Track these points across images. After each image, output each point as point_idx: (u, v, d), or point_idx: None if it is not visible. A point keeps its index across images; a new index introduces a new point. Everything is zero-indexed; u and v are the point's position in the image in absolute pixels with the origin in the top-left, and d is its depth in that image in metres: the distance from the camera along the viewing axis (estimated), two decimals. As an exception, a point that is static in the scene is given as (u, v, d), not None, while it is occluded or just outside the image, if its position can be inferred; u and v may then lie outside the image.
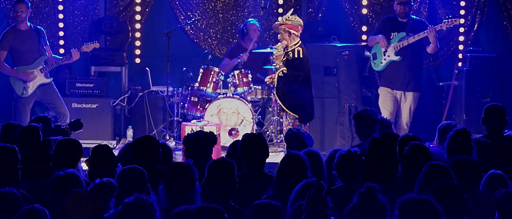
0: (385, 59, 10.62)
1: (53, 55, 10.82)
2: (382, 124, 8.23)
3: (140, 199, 5.02)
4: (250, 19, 11.97)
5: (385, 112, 10.55)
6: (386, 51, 10.59)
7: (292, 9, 10.22)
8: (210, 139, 7.26)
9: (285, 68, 9.71)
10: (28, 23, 10.71)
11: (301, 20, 9.94)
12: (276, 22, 9.97)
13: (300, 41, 9.87)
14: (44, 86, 10.70)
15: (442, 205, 4.86)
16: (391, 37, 10.59)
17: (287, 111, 9.79)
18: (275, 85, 9.88)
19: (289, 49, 9.74)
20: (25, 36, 10.61)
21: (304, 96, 9.82)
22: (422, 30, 10.46)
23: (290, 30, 9.72)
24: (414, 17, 10.74)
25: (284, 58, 9.74)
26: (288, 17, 9.80)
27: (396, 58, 10.53)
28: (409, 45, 10.42)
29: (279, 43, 9.95)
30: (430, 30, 10.27)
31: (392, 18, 10.71)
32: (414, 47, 10.47)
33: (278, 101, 9.87)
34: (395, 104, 10.61)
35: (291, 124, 9.70)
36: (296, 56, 9.66)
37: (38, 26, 10.88)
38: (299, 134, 7.95)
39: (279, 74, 9.77)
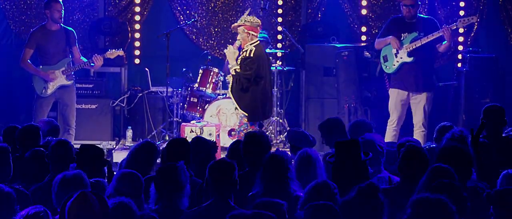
0: (397, 61, 10.35)
1: (81, 57, 10.70)
2: (363, 125, 8.19)
3: (122, 202, 5.04)
4: (261, 35, 11.91)
5: (394, 114, 10.37)
6: (397, 52, 10.39)
7: (249, 9, 10.24)
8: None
9: (238, 67, 9.70)
10: (61, 24, 10.63)
11: (259, 21, 9.95)
12: (235, 23, 9.93)
13: (258, 42, 9.84)
14: (64, 88, 10.61)
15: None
16: (402, 38, 10.35)
17: (239, 109, 9.76)
18: (230, 84, 9.85)
19: (245, 49, 9.74)
20: (54, 36, 10.51)
21: (254, 95, 9.75)
22: (433, 29, 10.25)
23: (249, 31, 9.73)
24: (422, 15, 10.55)
25: (239, 58, 9.74)
26: (247, 19, 9.81)
27: (409, 59, 10.28)
28: (420, 45, 10.26)
29: (234, 43, 9.90)
30: (446, 29, 10.12)
31: (399, 18, 10.46)
32: (425, 47, 10.21)
33: (232, 99, 9.84)
34: (404, 107, 10.41)
35: (239, 121, 9.70)
36: (247, 55, 9.67)
37: (69, 28, 10.77)
38: (301, 133, 7.95)
39: (232, 73, 9.76)
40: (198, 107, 11.43)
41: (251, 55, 9.64)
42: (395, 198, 5.58)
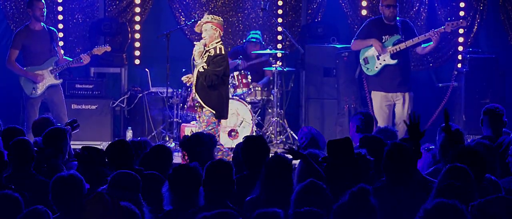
0: (380, 64, 10.46)
1: (64, 57, 10.75)
2: (387, 133, 8.17)
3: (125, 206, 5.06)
4: (251, 34, 11.92)
5: (381, 117, 10.43)
6: (379, 55, 10.45)
7: (207, 11, 10.19)
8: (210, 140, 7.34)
9: (205, 64, 9.62)
10: (42, 24, 10.64)
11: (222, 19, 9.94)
12: (202, 21, 9.80)
13: (221, 40, 9.80)
14: (53, 87, 10.65)
15: None
16: (384, 41, 10.45)
17: (205, 106, 9.66)
18: (194, 82, 9.76)
19: (210, 47, 9.65)
20: (38, 36, 10.55)
21: (221, 93, 9.71)
22: (411, 31, 10.43)
23: (217, 28, 9.69)
24: (397, 18, 10.64)
25: (205, 55, 9.66)
26: (213, 17, 9.77)
27: (393, 62, 10.38)
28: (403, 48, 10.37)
29: (200, 41, 9.79)
30: (435, 33, 10.20)
31: (379, 20, 10.56)
32: (404, 49, 10.40)
33: (197, 97, 9.73)
34: (390, 109, 10.52)
35: (206, 121, 9.62)
36: (218, 52, 9.59)
37: (51, 27, 10.80)
38: (314, 136, 7.96)
39: (200, 70, 9.64)
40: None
41: (222, 52, 9.61)
42: (381, 197, 5.59)
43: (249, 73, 11.55)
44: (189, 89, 11.50)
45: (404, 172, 5.93)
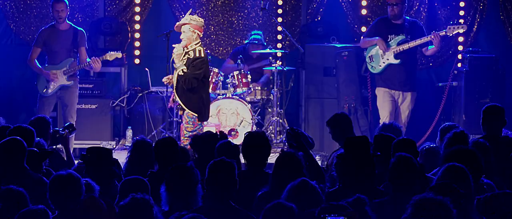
0: (384, 63, 10.60)
1: (87, 59, 10.63)
2: (394, 130, 8.13)
3: (135, 198, 5.04)
4: (253, 35, 11.92)
5: (384, 113, 10.54)
6: (384, 54, 10.56)
7: (190, 9, 10.16)
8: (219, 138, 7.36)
9: (185, 67, 9.57)
10: (69, 23, 10.66)
11: (203, 21, 9.86)
12: (180, 22, 9.76)
13: (200, 42, 9.75)
14: (65, 88, 10.63)
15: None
16: (389, 40, 10.56)
17: (187, 109, 9.62)
18: (175, 85, 9.72)
19: (190, 49, 9.57)
20: (61, 36, 10.55)
21: (201, 95, 9.67)
22: (419, 32, 10.52)
23: (195, 30, 9.61)
24: (407, 18, 10.73)
25: (184, 57, 9.62)
26: (192, 18, 9.69)
27: (396, 61, 10.54)
28: (407, 48, 10.48)
29: (180, 43, 9.72)
30: (435, 35, 10.32)
31: (386, 19, 10.69)
32: (410, 49, 10.51)
33: (177, 100, 9.70)
34: (393, 105, 10.62)
35: (191, 123, 9.59)
36: (197, 55, 9.51)
37: (78, 28, 10.76)
38: (300, 134, 7.94)
39: (179, 73, 9.59)
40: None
41: (202, 55, 9.54)
42: (388, 210, 5.57)
43: (248, 72, 11.55)
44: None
45: (411, 183, 5.83)
